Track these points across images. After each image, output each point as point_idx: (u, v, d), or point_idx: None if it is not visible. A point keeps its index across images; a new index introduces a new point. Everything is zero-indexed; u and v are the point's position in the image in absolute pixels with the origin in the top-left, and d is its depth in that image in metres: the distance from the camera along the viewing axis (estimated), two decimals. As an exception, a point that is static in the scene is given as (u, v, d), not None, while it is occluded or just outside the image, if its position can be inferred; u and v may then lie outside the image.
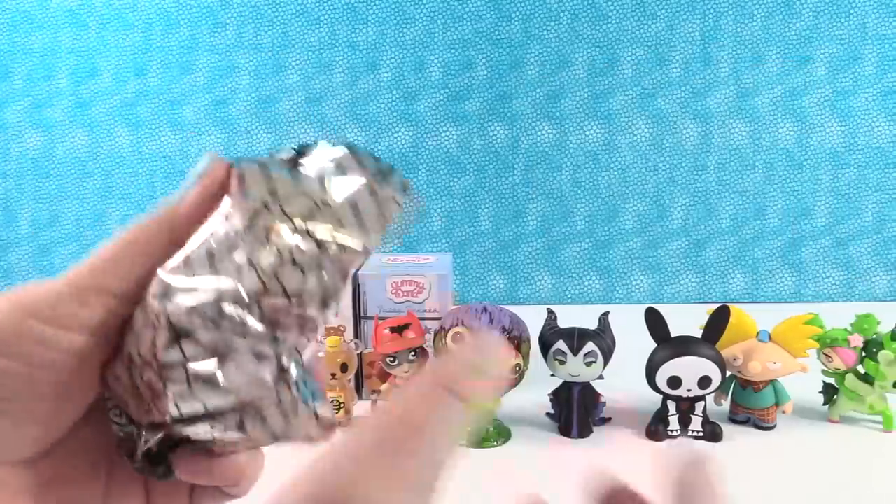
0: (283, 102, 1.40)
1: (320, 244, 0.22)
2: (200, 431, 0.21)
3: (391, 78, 1.39)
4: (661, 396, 0.73)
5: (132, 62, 1.40)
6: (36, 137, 1.42)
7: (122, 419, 0.23)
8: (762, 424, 0.75)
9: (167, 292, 0.21)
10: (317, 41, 1.39)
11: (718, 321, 0.71)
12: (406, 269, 0.84)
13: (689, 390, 0.71)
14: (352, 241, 0.23)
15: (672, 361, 0.70)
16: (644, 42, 1.35)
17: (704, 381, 0.70)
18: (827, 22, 1.33)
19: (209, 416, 0.21)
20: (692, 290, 1.40)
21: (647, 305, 0.73)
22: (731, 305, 0.72)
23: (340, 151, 0.25)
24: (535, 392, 0.77)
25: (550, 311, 0.76)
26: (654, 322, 0.72)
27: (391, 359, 0.72)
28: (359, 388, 0.85)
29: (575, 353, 0.70)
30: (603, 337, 0.72)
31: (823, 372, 0.77)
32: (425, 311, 0.82)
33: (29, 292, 0.21)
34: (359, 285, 0.83)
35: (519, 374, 0.70)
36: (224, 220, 0.22)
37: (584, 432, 0.74)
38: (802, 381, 0.75)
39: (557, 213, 1.39)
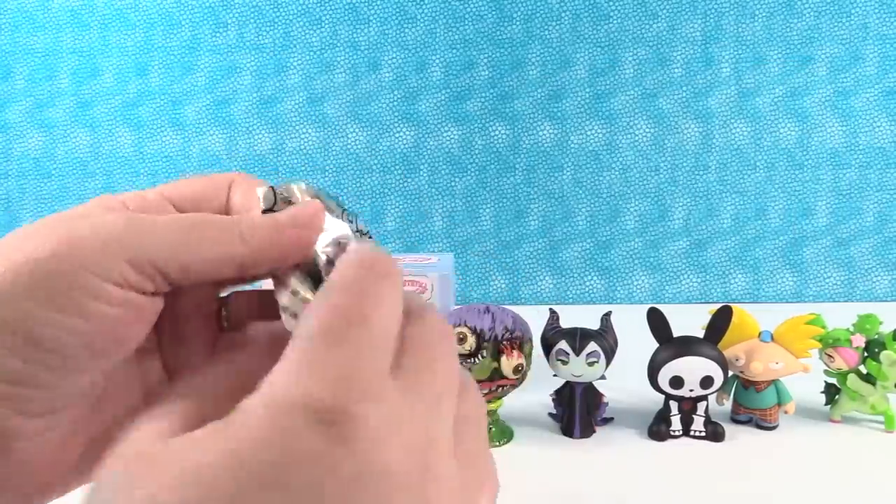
0: (284, 103, 1.40)
1: None
2: None
3: (393, 78, 1.39)
4: (663, 396, 0.73)
5: (134, 62, 1.40)
6: (37, 138, 1.42)
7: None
8: (764, 424, 0.75)
9: None
10: (318, 41, 1.39)
11: (721, 321, 0.71)
12: (408, 270, 0.84)
13: (691, 390, 0.71)
14: None
15: (674, 361, 0.70)
16: (645, 42, 1.36)
17: (707, 382, 0.70)
18: (828, 22, 1.33)
19: None
20: (693, 290, 1.40)
21: (648, 305, 0.73)
22: (732, 305, 0.72)
23: None
24: (538, 392, 0.77)
25: (553, 312, 0.76)
26: (657, 322, 0.72)
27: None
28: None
29: (577, 353, 0.71)
30: (605, 337, 0.72)
31: (825, 372, 0.77)
32: (427, 311, 0.82)
33: (79, 233, 0.20)
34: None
35: (521, 375, 0.70)
36: None
37: (586, 432, 0.74)
38: (804, 382, 0.75)
39: (559, 213, 1.40)
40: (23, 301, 0.18)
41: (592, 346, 0.71)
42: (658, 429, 0.73)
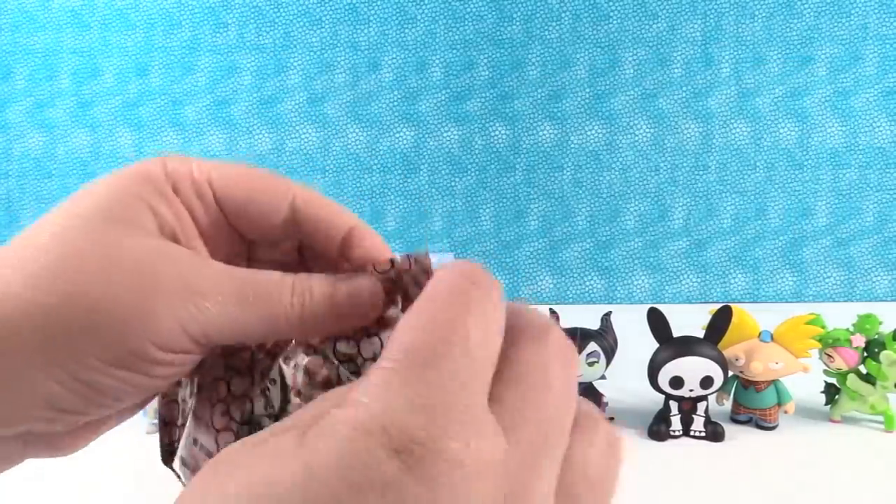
0: (284, 103, 1.40)
1: None
2: None
3: (393, 78, 1.39)
4: (663, 396, 0.73)
5: (134, 62, 1.40)
6: (38, 137, 1.42)
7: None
8: (764, 424, 0.75)
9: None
10: (318, 41, 1.39)
11: (721, 321, 0.71)
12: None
13: (691, 390, 0.71)
14: None
15: (674, 361, 0.70)
16: (645, 42, 1.36)
17: (707, 382, 0.70)
18: (828, 22, 1.33)
19: None
20: (693, 290, 1.40)
21: (648, 305, 0.73)
22: (732, 305, 0.72)
23: None
24: (538, 392, 0.77)
25: (553, 312, 0.76)
26: (657, 322, 0.72)
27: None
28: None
29: (577, 353, 0.71)
30: (605, 337, 0.72)
31: (825, 372, 0.77)
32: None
33: (146, 305, 0.20)
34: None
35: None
36: None
37: (586, 432, 0.74)
38: (804, 381, 0.75)
39: (559, 213, 1.40)
40: (88, 357, 0.19)
41: (592, 346, 0.71)
42: (658, 429, 0.73)
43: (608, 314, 0.75)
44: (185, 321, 0.20)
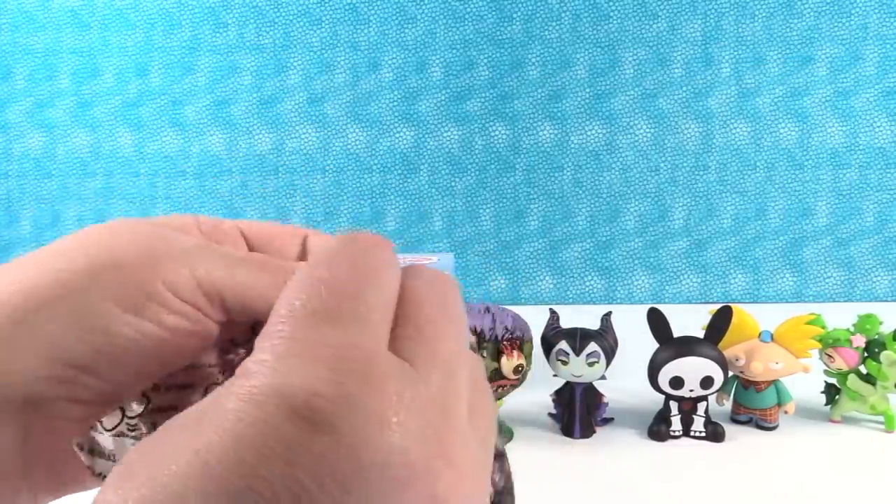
0: (284, 103, 1.40)
1: None
2: None
3: (393, 78, 1.39)
4: (663, 397, 0.73)
5: (134, 62, 1.40)
6: (38, 137, 1.42)
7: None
8: (764, 424, 0.75)
9: None
10: (318, 41, 1.39)
11: (721, 321, 0.71)
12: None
13: (691, 390, 0.71)
14: None
15: (674, 362, 0.70)
16: (645, 42, 1.36)
17: (707, 382, 0.70)
18: (828, 22, 1.33)
19: None
20: (693, 291, 1.40)
21: (648, 305, 0.73)
22: (732, 305, 0.72)
23: None
24: (538, 392, 0.77)
25: (553, 312, 0.76)
26: (657, 322, 0.72)
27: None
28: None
29: (577, 353, 0.71)
30: (605, 337, 0.72)
31: (825, 372, 0.77)
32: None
33: (160, 249, 0.20)
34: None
35: (521, 375, 0.70)
36: None
37: (586, 432, 0.74)
38: (804, 382, 0.75)
39: (559, 214, 1.40)
40: (101, 301, 0.19)
41: (592, 346, 0.71)
42: (658, 429, 0.73)
43: (608, 314, 0.75)
44: (196, 269, 0.20)
